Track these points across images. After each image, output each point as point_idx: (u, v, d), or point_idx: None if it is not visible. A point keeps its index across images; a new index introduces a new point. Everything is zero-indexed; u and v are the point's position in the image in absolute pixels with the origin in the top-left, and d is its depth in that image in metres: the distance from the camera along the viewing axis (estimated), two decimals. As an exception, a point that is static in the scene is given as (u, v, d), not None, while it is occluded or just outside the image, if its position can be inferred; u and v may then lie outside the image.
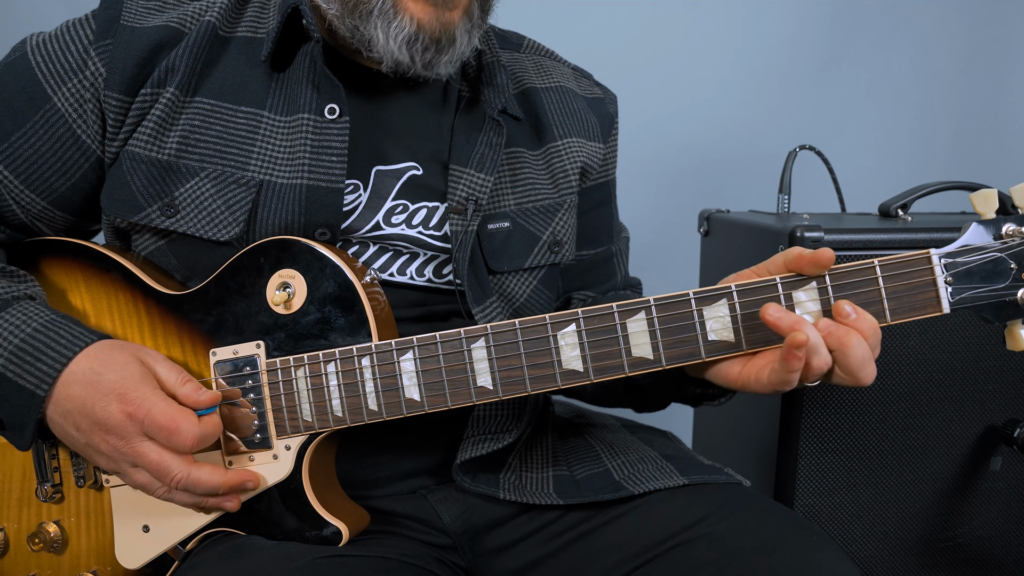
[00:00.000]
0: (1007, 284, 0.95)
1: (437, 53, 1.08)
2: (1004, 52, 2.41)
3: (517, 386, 1.00)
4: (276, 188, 1.09)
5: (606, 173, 1.34)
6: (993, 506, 1.58)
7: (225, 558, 1.01)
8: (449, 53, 1.09)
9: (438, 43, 1.07)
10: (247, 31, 1.14)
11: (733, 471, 1.16)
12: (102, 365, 0.98)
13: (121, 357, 0.99)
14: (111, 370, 0.97)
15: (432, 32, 1.06)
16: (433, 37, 1.07)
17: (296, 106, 1.10)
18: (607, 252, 1.37)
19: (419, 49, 1.07)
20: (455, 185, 1.15)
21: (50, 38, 1.12)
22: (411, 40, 1.06)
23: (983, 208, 0.96)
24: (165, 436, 0.96)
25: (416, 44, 1.07)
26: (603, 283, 1.37)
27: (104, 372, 0.97)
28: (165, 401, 0.97)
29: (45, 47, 1.11)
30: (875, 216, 1.69)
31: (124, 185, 1.09)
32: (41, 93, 1.10)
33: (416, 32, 1.06)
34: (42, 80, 1.10)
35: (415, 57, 1.08)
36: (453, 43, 1.08)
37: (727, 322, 0.96)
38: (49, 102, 1.10)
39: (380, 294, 1.08)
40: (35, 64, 1.10)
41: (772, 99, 2.34)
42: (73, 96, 1.09)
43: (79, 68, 1.09)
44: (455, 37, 1.08)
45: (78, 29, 1.11)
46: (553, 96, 1.28)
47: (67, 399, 0.98)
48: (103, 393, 0.96)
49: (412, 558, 1.06)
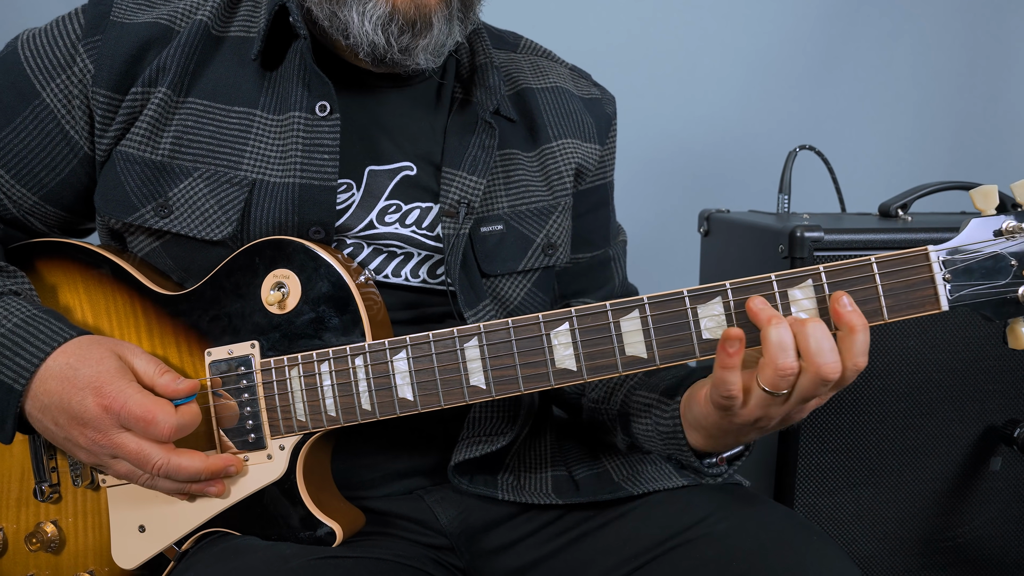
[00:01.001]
0: (1007, 281, 0.93)
1: (414, 37, 1.08)
2: (1004, 52, 2.41)
3: (510, 385, 0.99)
4: (269, 187, 1.09)
5: (603, 175, 1.33)
6: (993, 506, 1.58)
7: (220, 558, 1.01)
8: (427, 38, 1.08)
9: (414, 26, 1.07)
10: (240, 31, 1.14)
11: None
12: (79, 360, 0.99)
13: (98, 352, 1.00)
14: (87, 365, 0.98)
15: (407, 13, 1.06)
16: (408, 19, 1.06)
17: (287, 105, 1.10)
18: (604, 256, 1.36)
19: (394, 31, 1.07)
20: (447, 188, 1.15)
21: (40, 33, 1.12)
22: (386, 21, 1.06)
23: (983, 204, 0.95)
24: (143, 427, 0.97)
25: (391, 26, 1.06)
26: (600, 288, 1.35)
27: (80, 367, 0.98)
28: (141, 393, 0.98)
29: (34, 42, 1.11)
30: (875, 216, 1.69)
31: (118, 186, 1.10)
32: (30, 88, 1.10)
33: (391, 13, 1.06)
34: (31, 75, 1.10)
35: (391, 39, 1.07)
36: (430, 29, 1.08)
37: (722, 320, 0.95)
38: (38, 97, 1.10)
39: (374, 294, 1.08)
40: (24, 59, 1.11)
41: (772, 99, 2.34)
42: (61, 92, 1.10)
43: (67, 64, 1.09)
44: (432, 22, 1.08)
45: (67, 24, 1.11)
46: (549, 97, 1.27)
47: (45, 394, 0.99)
48: (79, 387, 0.97)
49: (407, 559, 1.06)
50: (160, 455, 0.98)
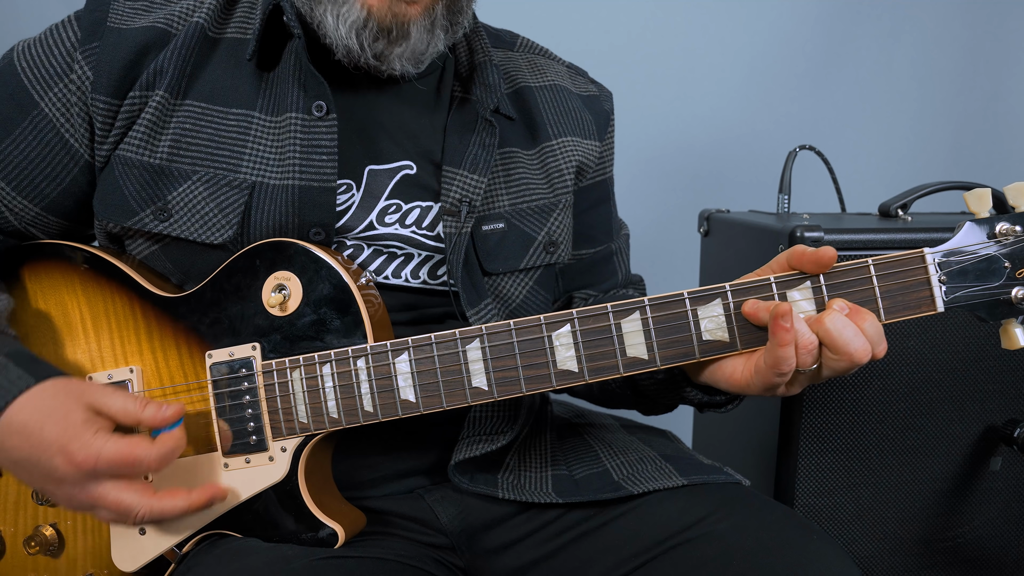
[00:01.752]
0: (1001, 283, 0.94)
1: (389, 44, 1.08)
2: (1004, 52, 2.41)
3: (512, 387, 1.00)
4: (268, 189, 1.09)
5: (603, 171, 1.34)
6: (993, 506, 1.58)
7: (221, 560, 1.01)
8: (402, 46, 1.08)
9: (389, 33, 1.07)
10: (236, 32, 1.14)
11: (733, 471, 1.16)
12: (42, 416, 0.94)
13: (64, 405, 0.95)
14: (52, 422, 0.94)
15: (382, 21, 1.06)
16: (383, 26, 1.06)
17: (284, 106, 1.10)
18: (607, 251, 1.36)
19: (368, 37, 1.07)
20: (448, 186, 1.15)
21: (35, 43, 1.12)
22: (360, 27, 1.06)
23: (977, 207, 0.96)
24: (127, 470, 0.94)
25: (365, 31, 1.06)
26: (604, 282, 1.36)
27: (44, 425, 0.94)
28: (112, 440, 0.94)
29: (30, 52, 1.11)
30: (875, 216, 1.69)
31: (117, 190, 1.10)
32: (28, 99, 1.10)
33: (366, 19, 1.06)
34: (28, 86, 1.10)
35: (364, 44, 1.07)
36: (407, 37, 1.08)
37: (721, 322, 0.96)
38: (36, 107, 1.10)
39: (375, 296, 1.08)
40: (21, 70, 1.11)
41: (772, 99, 2.34)
42: (60, 101, 1.10)
43: (64, 72, 1.09)
44: (409, 32, 1.07)
45: (62, 32, 1.11)
46: (547, 95, 1.27)
47: (11, 449, 0.95)
48: (45, 448, 0.93)
49: (409, 559, 1.06)
50: (141, 503, 0.95)
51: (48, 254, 1.15)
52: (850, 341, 0.92)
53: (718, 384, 1.02)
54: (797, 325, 0.92)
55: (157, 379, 1.08)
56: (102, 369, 1.10)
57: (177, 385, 1.08)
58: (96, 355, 1.11)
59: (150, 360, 1.09)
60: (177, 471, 1.06)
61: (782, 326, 0.91)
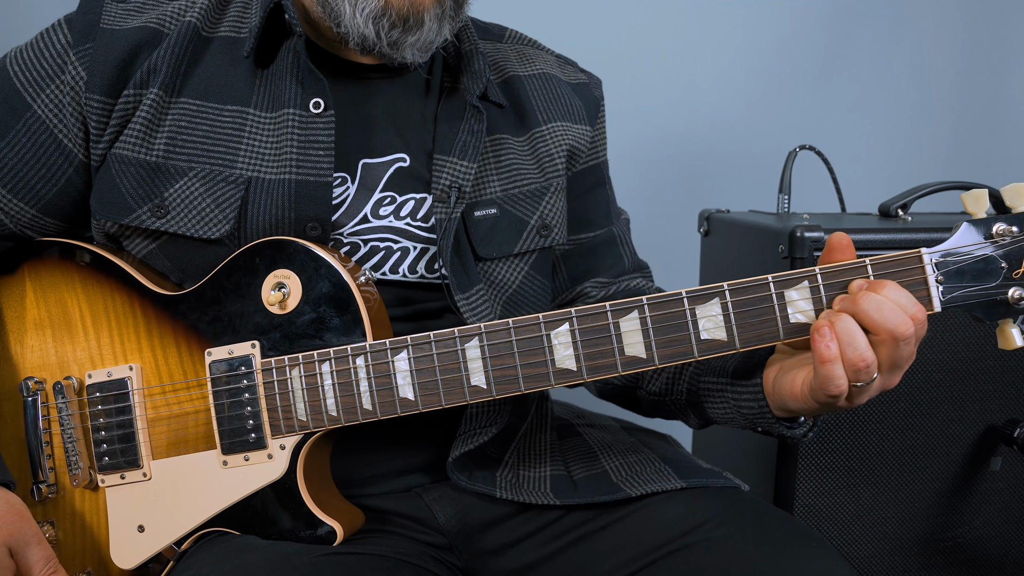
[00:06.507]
0: (998, 283, 0.94)
1: (404, 33, 1.09)
2: (1004, 52, 2.41)
3: (511, 385, 1.00)
4: (264, 184, 1.09)
5: (596, 155, 1.34)
6: (993, 506, 1.58)
7: (221, 557, 1.01)
8: (416, 35, 1.09)
9: (405, 22, 1.08)
10: (229, 31, 1.14)
11: (731, 475, 1.15)
12: None
13: None
14: None
15: (400, 9, 1.07)
16: (401, 15, 1.07)
17: (281, 102, 1.11)
18: (608, 234, 1.35)
19: (385, 25, 1.08)
20: (439, 174, 1.16)
21: (26, 47, 1.13)
22: (378, 15, 1.07)
23: (974, 208, 0.97)
24: None
25: (383, 20, 1.07)
26: (611, 268, 1.35)
27: None
28: None
29: (21, 56, 1.12)
30: (875, 216, 1.69)
31: (114, 188, 1.10)
32: (21, 102, 1.11)
33: (384, 8, 1.07)
34: (20, 89, 1.11)
35: (380, 33, 1.08)
36: (421, 26, 1.09)
37: (719, 321, 0.96)
38: (29, 110, 1.11)
39: (374, 294, 1.08)
40: (12, 74, 1.12)
41: (772, 99, 2.34)
42: (52, 102, 1.10)
43: (56, 74, 1.10)
44: (423, 20, 1.09)
45: (53, 36, 1.12)
46: (536, 83, 1.28)
47: None
48: None
49: (408, 556, 1.06)
50: None
51: (48, 252, 1.15)
52: (888, 317, 0.90)
53: (787, 405, 1.00)
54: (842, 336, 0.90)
55: (156, 377, 1.09)
56: (101, 367, 1.10)
57: (176, 383, 1.08)
58: (96, 352, 1.11)
59: (149, 358, 1.09)
60: (177, 469, 1.06)
61: (824, 343, 0.90)
